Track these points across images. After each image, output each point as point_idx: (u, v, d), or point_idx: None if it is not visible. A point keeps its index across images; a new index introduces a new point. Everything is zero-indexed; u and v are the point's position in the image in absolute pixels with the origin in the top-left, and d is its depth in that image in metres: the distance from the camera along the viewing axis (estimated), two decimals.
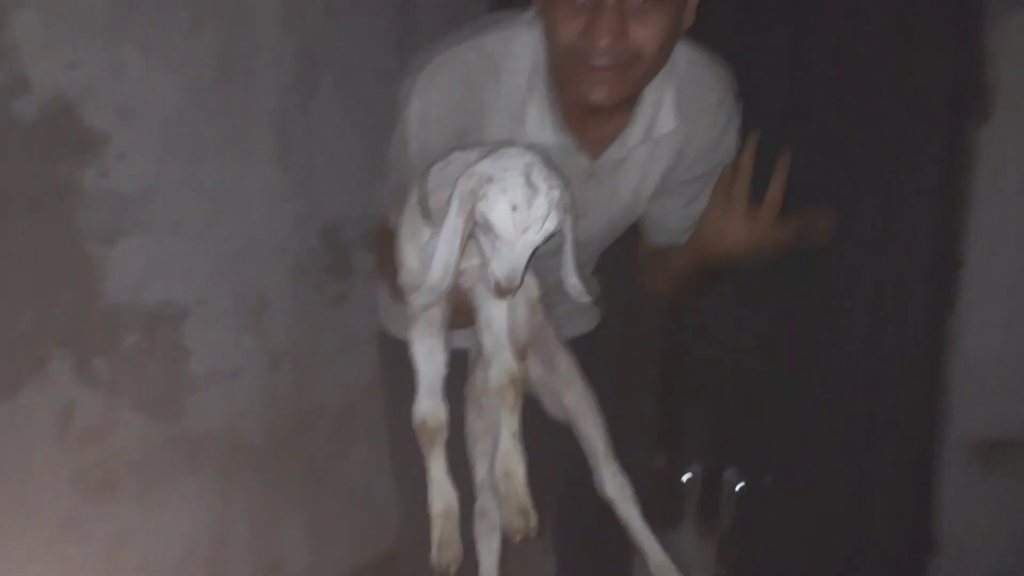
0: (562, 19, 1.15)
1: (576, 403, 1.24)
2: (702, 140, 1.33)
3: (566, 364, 1.25)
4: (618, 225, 1.42)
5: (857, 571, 2.26)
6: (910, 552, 2.25)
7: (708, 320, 2.32)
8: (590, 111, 1.25)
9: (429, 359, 1.12)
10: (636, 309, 2.04)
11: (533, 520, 1.05)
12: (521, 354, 1.22)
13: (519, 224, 0.97)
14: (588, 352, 1.50)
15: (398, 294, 1.19)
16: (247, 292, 1.92)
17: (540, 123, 1.25)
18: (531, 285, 1.22)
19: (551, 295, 1.48)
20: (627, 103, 1.26)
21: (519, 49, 1.25)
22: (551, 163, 1.02)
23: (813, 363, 2.29)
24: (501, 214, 0.97)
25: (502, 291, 0.99)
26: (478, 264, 1.08)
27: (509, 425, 1.07)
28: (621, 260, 1.65)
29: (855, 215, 2.18)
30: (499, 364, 1.08)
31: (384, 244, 1.32)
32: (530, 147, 1.04)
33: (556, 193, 0.99)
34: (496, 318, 1.10)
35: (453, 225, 1.01)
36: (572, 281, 1.11)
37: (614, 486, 1.21)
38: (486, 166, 0.99)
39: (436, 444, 1.10)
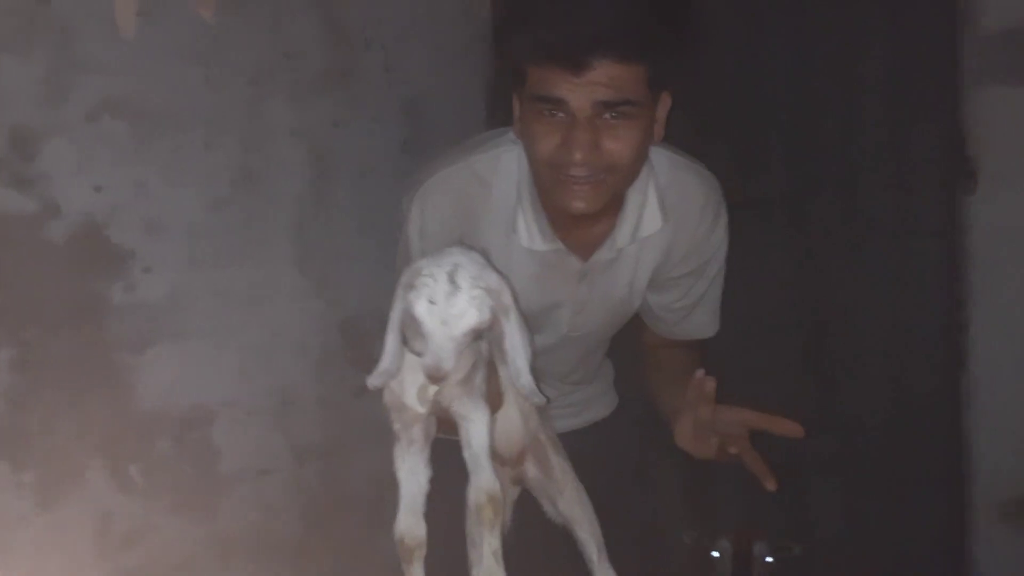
0: (540, 136, 1.26)
1: (569, 508, 1.29)
2: (688, 240, 1.42)
3: (559, 468, 1.30)
4: (617, 317, 1.51)
5: None
6: None
7: (728, 392, 2.35)
8: (575, 219, 1.34)
9: (410, 477, 1.17)
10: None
11: None
12: (518, 458, 1.30)
13: (436, 317, 1.05)
14: (609, 435, 1.57)
15: None
16: (272, 390, 1.98)
17: (529, 232, 1.37)
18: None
19: (565, 385, 1.55)
20: (612, 208, 1.36)
21: (506, 166, 1.38)
22: (487, 265, 1.10)
23: (836, 430, 2.31)
24: (421, 308, 1.05)
25: (430, 378, 1.05)
26: (461, 387, 1.14)
27: (489, 544, 1.12)
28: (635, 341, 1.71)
29: (864, 286, 2.23)
30: (476, 482, 1.13)
31: None
32: (471, 249, 1.12)
33: (478, 293, 1.06)
34: (475, 436, 1.14)
35: (396, 311, 1.11)
36: (522, 381, 1.14)
37: None
38: (423, 262, 1.09)
39: (415, 560, 1.15)
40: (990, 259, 2.11)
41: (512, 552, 1.21)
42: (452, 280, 1.06)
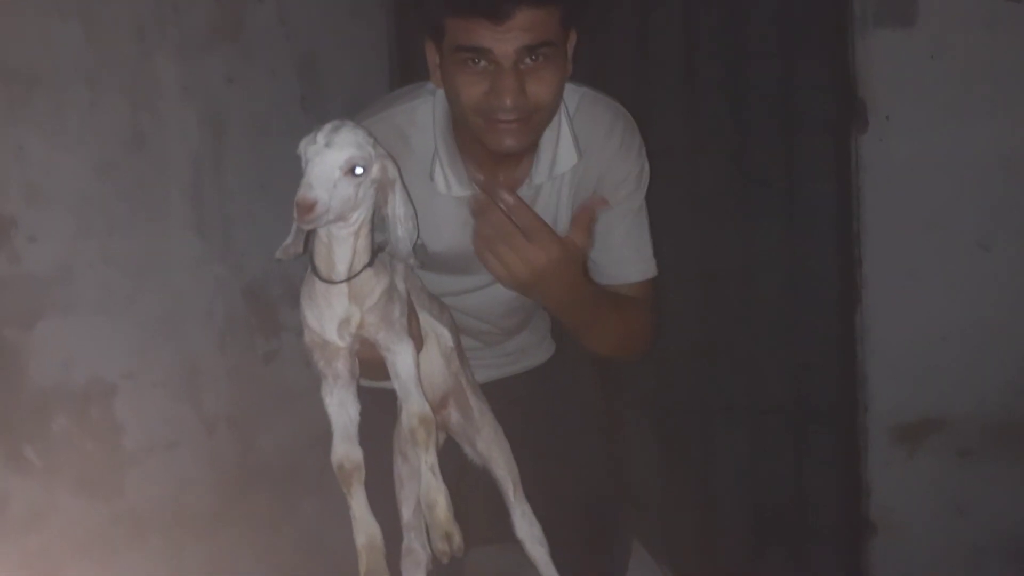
0: (464, 85, 1.30)
1: (487, 448, 1.32)
2: (597, 167, 1.45)
3: (477, 409, 1.33)
4: None
5: (801, 560, 2.34)
6: (850, 536, 2.34)
7: None
8: (497, 160, 1.38)
9: (340, 409, 1.19)
10: None
11: (456, 542, 1.18)
12: (441, 402, 1.32)
13: (321, 141, 1.08)
14: (545, 381, 1.59)
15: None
16: (176, 361, 1.91)
17: (446, 179, 1.40)
18: (444, 335, 1.32)
19: (501, 334, 1.55)
20: (529, 148, 1.39)
21: (423, 117, 1.41)
22: (367, 134, 1.13)
23: (738, 368, 2.39)
24: (307, 140, 1.10)
25: (298, 208, 1.05)
26: (379, 315, 1.17)
27: (426, 461, 1.17)
28: None
29: (759, 227, 2.31)
30: (407, 408, 1.18)
31: None
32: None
33: (362, 132, 1.11)
34: (401, 365, 1.18)
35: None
36: (400, 247, 1.18)
37: (523, 526, 1.30)
38: None
39: (354, 483, 1.17)
40: (882, 197, 2.21)
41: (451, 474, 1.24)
42: (341, 122, 1.12)
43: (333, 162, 1.09)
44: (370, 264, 1.17)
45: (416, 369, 1.19)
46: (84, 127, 1.71)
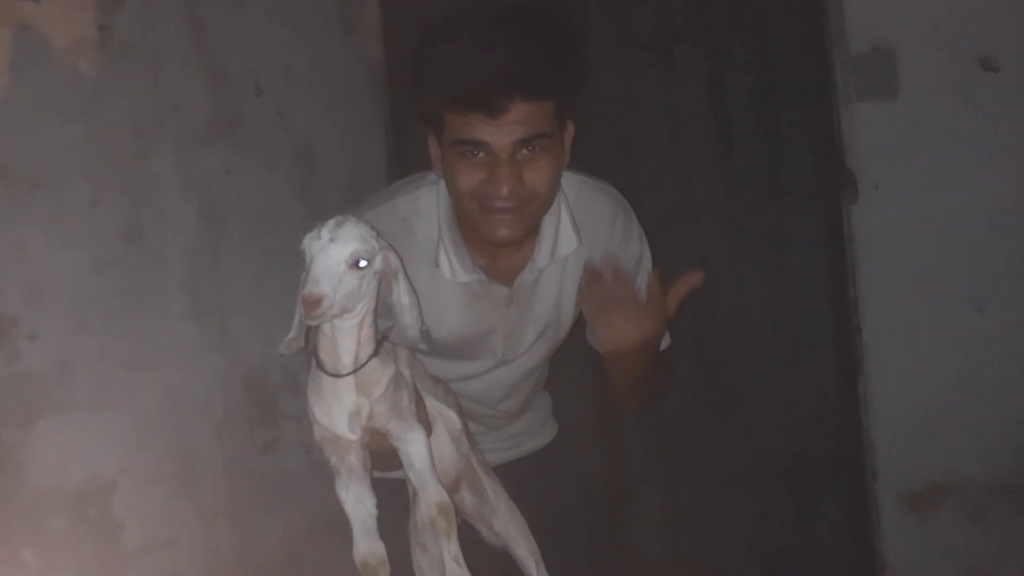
0: (463, 174, 1.35)
1: (505, 528, 1.32)
2: (604, 249, 1.49)
3: (491, 490, 1.33)
4: (548, 338, 1.55)
5: None
6: None
7: (635, 415, 2.39)
8: (498, 246, 1.43)
9: (358, 504, 1.19)
10: (587, 416, 2.10)
11: None
12: (454, 486, 1.32)
13: (325, 237, 1.11)
14: (549, 463, 1.60)
15: None
16: (174, 455, 1.89)
17: (451, 265, 1.44)
18: (452, 417, 1.33)
19: (502, 417, 1.55)
20: (530, 234, 1.45)
21: (426, 206, 1.46)
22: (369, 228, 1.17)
23: (740, 439, 2.37)
24: (310, 236, 1.12)
25: (305, 304, 1.08)
26: (388, 404, 1.17)
27: (448, 551, 1.16)
28: (574, 376, 1.74)
29: (755, 296, 2.32)
30: (425, 497, 1.16)
31: None
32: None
33: (366, 230, 1.14)
34: (415, 454, 1.17)
35: (301, 291, 1.14)
36: (409, 333, 1.20)
37: None
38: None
39: None
40: (876, 264, 2.23)
41: None
42: (342, 219, 1.14)
43: (338, 256, 1.10)
44: (375, 354, 1.18)
45: (430, 456, 1.18)
46: (83, 224, 1.72)
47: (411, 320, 1.20)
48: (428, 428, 1.26)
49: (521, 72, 1.28)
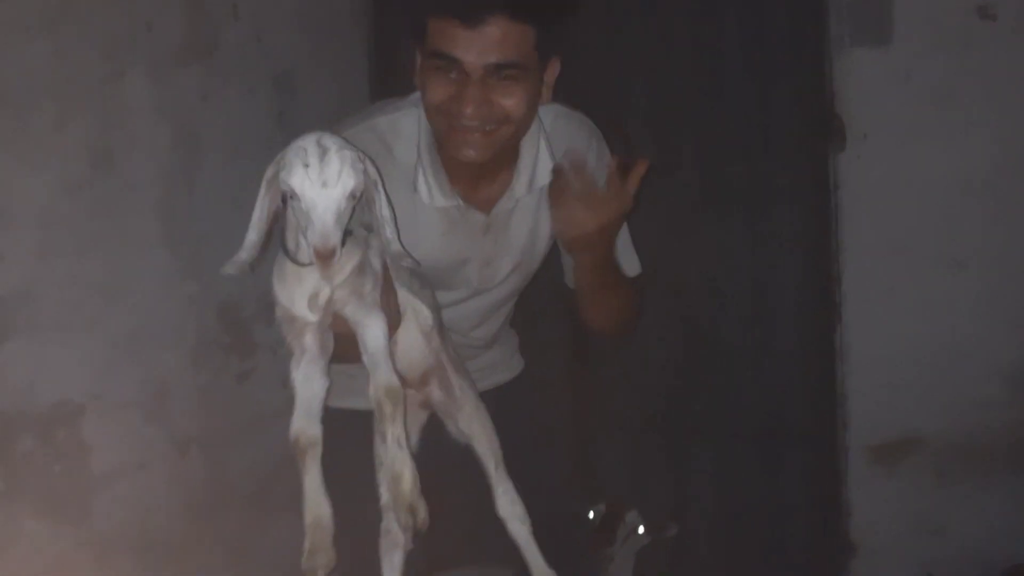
0: (434, 86, 1.34)
1: (468, 424, 1.33)
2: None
3: (459, 387, 1.33)
4: (523, 269, 1.56)
5: None
6: (830, 557, 2.33)
7: (608, 362, 2.40)
8: (476, 172, 1.42)
9: (306, 383, 1.18)
10: (555, 357, 2.10)
11: (421, 515, 1.16)
12: (423, 379, 1.34)
13: (315, 180, 1.07)
14: (512, 398, 1.60)
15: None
16: (146, 381, 1.89)
17: (429, 189, 1.43)
18: (423, 311, 1.34)
19: (472, 348, 1.55)
20: (508, 161, 1.45)
21: (407, 127, 1.44)
22: (344, 142, 1.13)
23: (713, 388, 2.38)
24: (298, 176, 1.07)
25: (320, 256, 1.06)
26: (349, 290, 1.16)
27: (392, 434, 1.15)
28: (540, 312, 1.73)
29: (735, 245, 2.30)
30: (374, 380, 1.16)
31: None
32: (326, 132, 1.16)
33: (348, 153, 1.10)
34: (370, 339, 1.17)
35: (259, 207, 1.15)
36: (392, 248, 1.19)
37: (505, 504, 1.30)
38: (286, 150, 1.12)
39: (309, 459, 1.15)
40: (859, 215, 2.20)
41: (421, 475, 1.24)
42: (320, 144, 1.09)
43: (337, 199, 1.08)
44: (341, 243, 1.14)
45: (386, 342, 1.17)
46: (50, 146, 1.69)
47: (392, 234, 1.19)
48: (397, 319, 1.27)
49: None
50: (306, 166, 1.08)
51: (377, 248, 1.25)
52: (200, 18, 2.01)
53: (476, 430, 1.33)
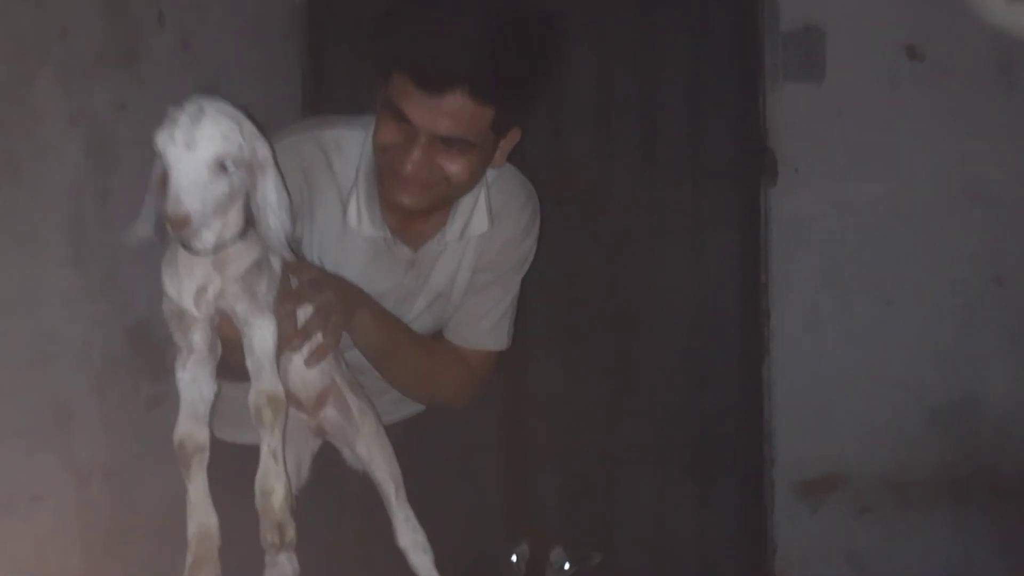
0: (384, 130, 1.30)
1: (366, 449, 1.24)
2: (506, 237, 1.49)
3: (357, 408, 1.25)
4: (435, 311, 1.51)
5: None
6: None
7: (541, 390, 2.36)
8: (409, 211, 1.37)
9: (192, 385, 1.11)
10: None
11: (289, 535, 1.08)
12: (318, 401, 1.26)
13: (180, 141, 0.99)
14: (424, 430, 1.53)
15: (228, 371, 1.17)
16: (45, 405, 1.76)
17: (359, 216, 1.38)
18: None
19: (382, 381, 1.48)
20: (443, 206, 1.40)
21: (350, 147, 1.39)
22: (246, 118, 1.07)
23: (642, 419, 2.36)
24: (164, 135, 1.00)
25: (172, 224, 0.98)
26: (241, 286, 1.09)
27: (268, 444, 1.08)
28: None
29: (666, 276, 2.30)
30: (256, 385, 1.09)
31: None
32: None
33: (228, 123, 1.03)
34: (257, 341, 1.10)
35: (153, 176, 1.05)
36: (271, 236, 1.10)
37: (406, 532, 1.23)
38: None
39: (194, 465, 1.09)
40: (789, 249, 2.22)
41: (313, 506, 1.19)
42: (199, 107, 1.03)
43: (198, 164, 1.00)
44: (242, 236, 1.09)
45: (274, 348, 1.11)
46: None
47: (276, 223, 1.10)
48: (291, 329, 1.18)
49: (472, 63, 1.23)
50: (175, 125, 1.01)
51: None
52: (121, 24, 1.92)
53: (375, 454, 1.25)
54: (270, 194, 1.09)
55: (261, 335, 1.10)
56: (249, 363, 1.10)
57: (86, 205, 1.84)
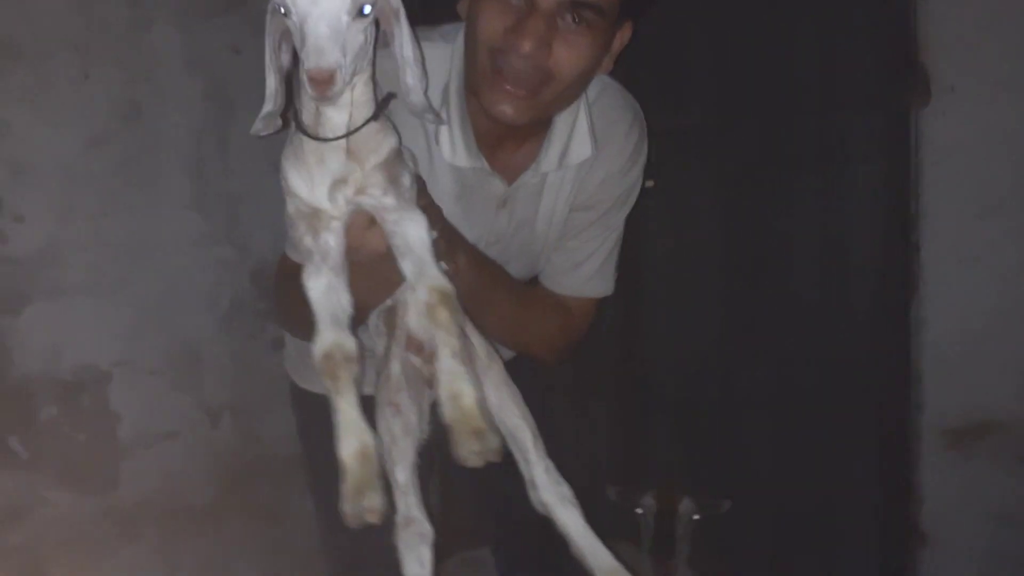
0: (490, 16, 1.11)
1: (496, 394, 1.07)
2: (608, 167, 1.28)
3: (485, 353, 1.09)
4: (530, 257, 1.34)
5: (837, 570, 2.18)
6: (898, 547, 2.17)
7: (662, 332, 2.26)
8: (504, 134, 1.20)
9: (328, 295, 0.95)
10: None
11: (493, 441, 0.90)
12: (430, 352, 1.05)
13: None
14: (531, 374, 1.39)
15: (303, 330, 1.03)
16: (176, 347, 1.83)
17: (453, 145, 1.20)
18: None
19: None
20: (540, 130, 1.22)
21: (436, 64, 1.17)
22: None
23: (777, 364, 2.22)
24: None
25: (314, 81, 0.84)
26: (385, 176, 0.94)
27: (448, 345, 0.92)
28: None
29: (804, 206, 2.12)
30: (424, 282, 0.93)
31: (286, 280, 1.18)
32: None
33: None
34: (414, 236, 0.95)
35: (268, 45, 0.93)
36: (413, 98, 0.97)
37: (548, 486, 1.05)
38: None
39: (343, 378, 0.92)
40: (942, 177, 2.01)
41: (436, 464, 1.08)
42: None
43: (338, 8, 0.86)
44: (374, 117, 0.94)
45: (430, 240, 0.95)
46: (73, 100, 1.61)
47: (414, 80, 0.96)
48: (439, 223, 1.04)
49: None
50: None
51: (410, 154, 1.04)
52: None
53: (506, 400, 1.07)
54: (406, 46, 0.94)
55: (417, 229, 0.95)
56: (408, 266, 0.95)
57: (207, 149, 1.86)
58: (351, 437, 0.91)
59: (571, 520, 1.05)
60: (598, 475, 1.49)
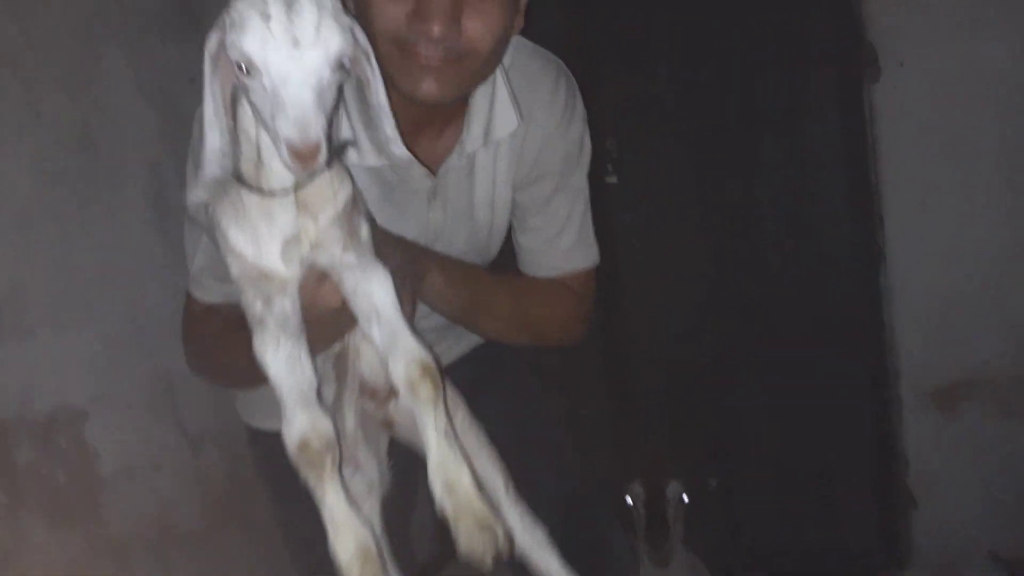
0: (384, 6, 1.00)
1: (464, 437, 0.96)
2: (544, 131, 1.19)
3: (449, 392, 0.98)
4: (481, 246, 1.24)
5: (839, 540, 2.20)
6: (889, 511, 2.19)
7: (640, 297, 2.27)
8: (421, 119, 1.10)
9: (291, 368, 0.84)
10: None
11: (500, 533, 0.81)
12: (391, 394, 0.99)
13: (282, 38, 0.72)
14: (495, 355, 1.31)
15: (232, 378, 1.04)
16: (150, 378, 1.79)
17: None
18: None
19: (440, 331, 1.25)
20: (459, 111, 1.13)
21: None
22: None
23: (756, 344, 2.24)
24: (255, 33, 0.72)
25: (298, 156, 0.72)
26: (343, 230, 0.84)
27: (435, 424, 0.82)
28: None
29: (765, 189, 2.15)
30: (402, 356, 0.82)
31: (197, 324, 1.18)
32: None
33: (328, 3, 0.76)
34: (381, 298, 0.84)
35: (210, 95, 0.80)
36: (393, 148, 0.88)
37: (523, 533, 0.99)
38: (231, 3, 0.76)
39: (328, 468, 0.82)
40: (898, 148, 2.04)
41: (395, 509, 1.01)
42: None
43: (317, 65, 0.74)
44: (328, 164, 0.80)
45: (397, 300, 0.85)
46: (25, 134, 1.58)
47: (393, 131, 0.86)
48: (400, 282, 0.93)
49: None
50: (266, 18, 0.73)
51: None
52: None
53: (472, 446, 0.97)
54: (380, 92, 0.84)
55: (383, 290, 0.85)
56: (376, 332, 0.85)
57: (165, 178, 1.84)
58: (347, 535, 0.84)
59: (549, 564, 1.01)
60: (586, 465, 1.45)
